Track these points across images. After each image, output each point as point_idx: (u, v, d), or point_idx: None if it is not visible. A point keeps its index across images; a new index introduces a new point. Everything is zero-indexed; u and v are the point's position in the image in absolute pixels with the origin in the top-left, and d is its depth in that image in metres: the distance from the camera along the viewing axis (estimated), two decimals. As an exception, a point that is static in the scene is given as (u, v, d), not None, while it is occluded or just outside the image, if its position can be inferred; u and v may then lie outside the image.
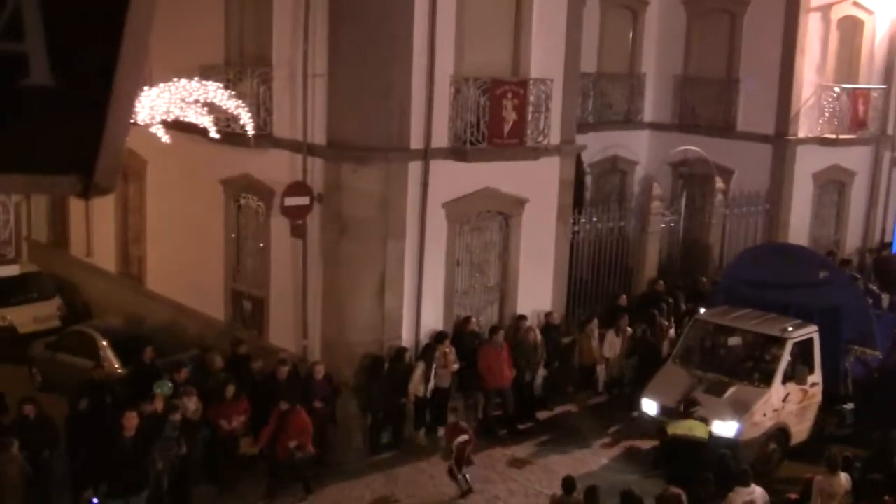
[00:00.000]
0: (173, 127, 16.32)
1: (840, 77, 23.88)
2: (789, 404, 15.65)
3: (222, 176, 18.48)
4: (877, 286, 21.50)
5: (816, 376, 16.08)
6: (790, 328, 16.00)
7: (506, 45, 17.40)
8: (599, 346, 18.30)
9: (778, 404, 15.49)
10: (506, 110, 16.70)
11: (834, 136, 23.47)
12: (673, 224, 22.08)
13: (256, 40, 17.85)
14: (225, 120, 16.54)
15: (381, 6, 15.90)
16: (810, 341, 16.04)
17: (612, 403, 18.21)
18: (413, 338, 16.71)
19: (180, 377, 15.05)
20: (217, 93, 15.71)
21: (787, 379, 15.59)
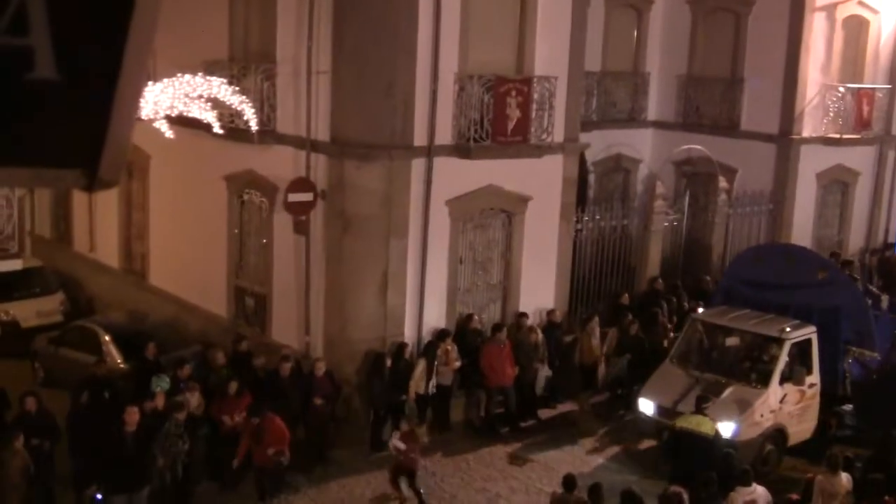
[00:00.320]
0: (177, 122, 16.36)
1: (845, 77, 23.81)
2: (787, 405, 15.58)
3: (226, 172, 18.48)
4: (880, 286, 21.45)
5: (814, 377, 16.03)
6: (788, 329, 15.93)
7: (510, 42, 17.39)
8: (601, 344, 18.28)
9: (775, 405, 15.42)
10: (510, 108, 16.69)
11: (838, 136, 23.42)
12: (676, 223, 22.03)
13: (260, 36, 17.86)
14: (229, 116, 16.56)
15: (386, 3, 15.89)
16: (808, 342, 15.98)
17: (613, 402, 18.20)
18: (415, 335, 16.72)
19: (183, 373, 15.08)
20: (221, 88, 15.74)
21: (784, 380, 15.52)
